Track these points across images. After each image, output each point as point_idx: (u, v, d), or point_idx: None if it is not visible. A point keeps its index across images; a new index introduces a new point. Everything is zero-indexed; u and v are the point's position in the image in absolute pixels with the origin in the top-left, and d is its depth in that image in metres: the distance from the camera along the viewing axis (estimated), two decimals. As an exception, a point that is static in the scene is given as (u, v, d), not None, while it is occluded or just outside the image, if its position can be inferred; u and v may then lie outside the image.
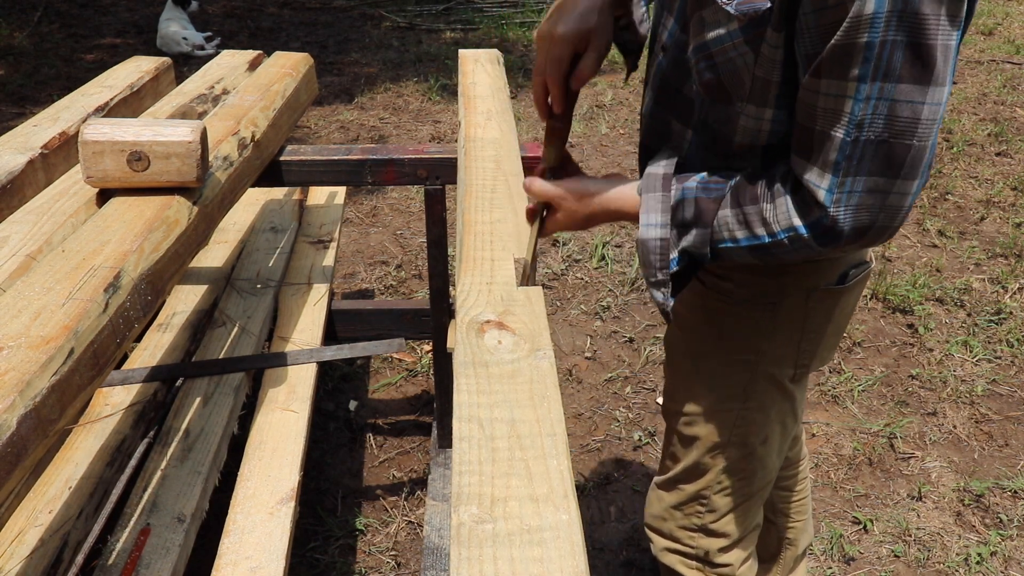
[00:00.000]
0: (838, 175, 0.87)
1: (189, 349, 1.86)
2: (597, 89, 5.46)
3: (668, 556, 1.38)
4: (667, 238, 1.01)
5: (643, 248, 1.03)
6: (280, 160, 1.72)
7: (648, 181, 1.04)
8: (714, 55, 0.97)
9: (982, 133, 4.64)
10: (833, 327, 1.21)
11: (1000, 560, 2.02)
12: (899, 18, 0.79)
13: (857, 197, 0.88)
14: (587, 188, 1.09)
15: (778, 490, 1.58)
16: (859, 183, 0.87)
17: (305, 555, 2.01)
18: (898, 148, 0.85)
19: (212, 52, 6.03)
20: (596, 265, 3.31)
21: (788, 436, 1.31)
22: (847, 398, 2.58)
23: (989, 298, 3.09)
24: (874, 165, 0.86)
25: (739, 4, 0.90)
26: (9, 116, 4.84)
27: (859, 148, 0.85)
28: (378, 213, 3.79)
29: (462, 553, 0.64)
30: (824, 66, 0.85)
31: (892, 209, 0.89)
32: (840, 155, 0.87)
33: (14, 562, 1.26)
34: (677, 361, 1.32)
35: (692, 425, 1.28)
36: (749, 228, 0.96)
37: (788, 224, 0.92)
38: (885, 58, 0.81)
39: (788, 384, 1.23)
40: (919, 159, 0.86)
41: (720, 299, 1.18)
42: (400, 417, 2.52)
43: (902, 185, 0.87)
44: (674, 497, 1.34)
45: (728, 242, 0.98)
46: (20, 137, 1.51)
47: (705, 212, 0.99)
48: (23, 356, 0.84)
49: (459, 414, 0.79)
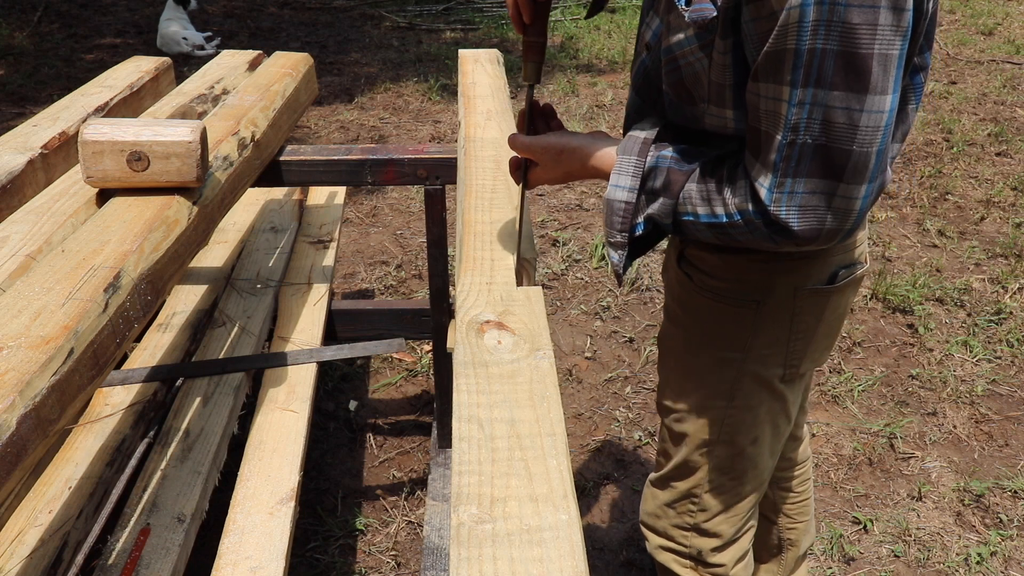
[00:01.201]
0: (776, 175, 0.91)
1: (189, 349, 1.86)
2: (597, 89, 5.46)
3: (663, 554, 1.39)
4: (632, 202, 1.04)
5: (608, 207, 1.06)
6: (280, 160, 1.72)
7: (627, 143, 1.06)
8: (677, 58, 1.01)
9: (982, 133, 4.64)
10: (824, 328, 1.21)
11: (1000, 560, 2.02)
12: (827, 27, 0.82)
13: (799, 198, 0.91)
14: (567, 143, 1.10)
15: (780, 491, 1.58)
16: (799, 184, 0.90)
17: (305, 555, 2.01)
18: (836, 153, 0.88)
19: (212, 52, 6.03)
20: (596, 265, 3.31)
21: (781, 437, 1.31)
22: (847, 398, 2.58)
23: (989, 298, 3.09)
24: (813, 167, 0.89)
25: (692, 12, 0.94)
26: (9, 116, 4.84)
27: (795, 150, 0.88)
28: (378, 213, 3.79)
29: (462, 553, 0.64)
30: (760, 70, 0.89)
31: (840, 212, 0.91)
32: (778, 156, 0.90)
33: (14, 562, 1.26)
34: (668, 357, 1.33)
35: (682, 422, 1.29)
36: (710, 205, 0.99)
37: (744, 207, 0.95)
38: (816, 65, 0.84)
39: (778, 384, 1.23)
40: (863, 164, 0.88)
41: (708, 296, 1.19)
42: (400, 417, 2.52)
43: (847, 189, 0.89)
44: (667, 495, 1.35)
45: (690, 215, 1.01)
46: (20, 137, 1.51)
47: (674, 183, 1.01)
48: (23, 356, 0.84)
49: (459, 414, 0.79)
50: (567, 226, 3.65)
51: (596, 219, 3.70)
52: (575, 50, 6.46)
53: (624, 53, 6.24)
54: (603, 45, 6.49)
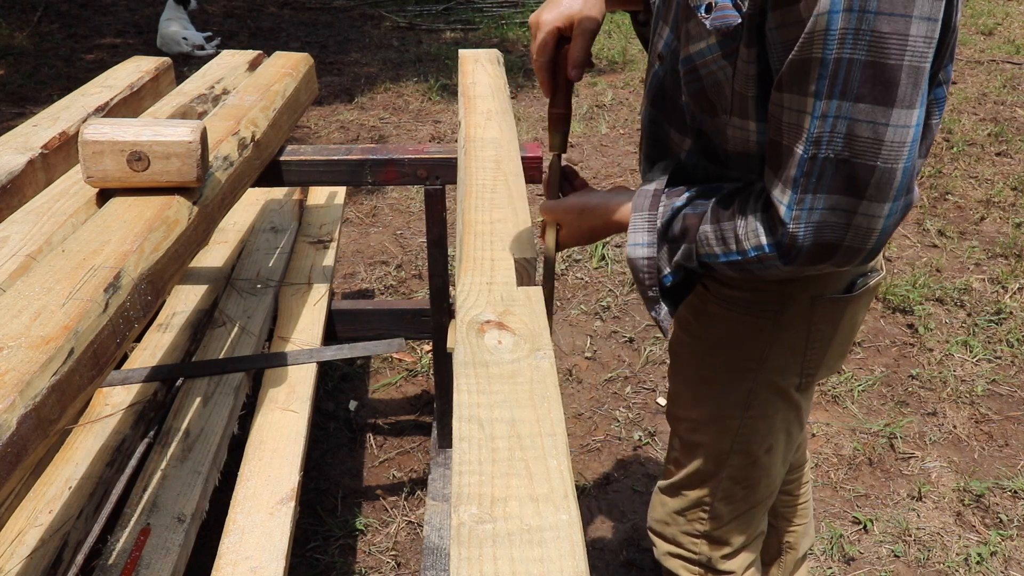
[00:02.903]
0: (797, 191, 0.88)
1: (189, 349, 1.85)
2: (597, 89, 5.46)
3: (671, 560, 1.38)
4: (653, 257, 1.04)
5: (632, 267, 1.06)
6: (280, 160, 1.72)
7: (639, 199, 1.06)
8: (698, 68, 0.98)
9: (982, 133, 4.64)
10: (841, 336, 1.19)
11: (1000, 560, 2.02)
12: (855, 36, 0.79)
13: (818, 214, 0.87)
14: (587, 202, 1.12)
15: (780, 495, 1.57)
16: (820, 200, 0.87)
17: (305, 555, 2.01)
18: (859, 169, 0.84)
19: (212, 52, 6.03)
20: (596, 265, 3.31)
21: (793, 445, 1.30)
22: (847, 398, 2.58)
23: (989, 298, 3.09)
24: (835, 183, 0.86)
25: (713, 19, 0.92)
26: (9, 116, 4.84)
27: (817, 165, 0.85)
28: (378, 213, 3.79)
29: (462, 553, 0.64)
30: (784, 80, 0.86)
31: (861, 231, 0.87)
32: (799, 171, 0.87)
33: (14, 562, 1.26)
34: (681, 366, 1.31)
35: (695, 432, 1.28)
36: (725, 244, 0.97)
37: (757, 243, 0.93)
38: (841, 76, 0.81)
39: (794, 393, 1.21)
40: (887, 182, 0.85)
41: (724, 305, 1.17)
42: (400, 417, 2.52)
43: (869, 207, 0.86)
44: (677, 503, 1.34)
45: (709, 256, 1.00)
46: (20, 137, 1.51)
47: (690, 228, 1.01)
48: (23, 356, 0.84)
49: (459, 414, 0.79)
50: (567, 226, 3.65)
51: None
52: (575, 50, 6.44)
53: (624, 53, 6.24)
54: (603, 45, 6.48)
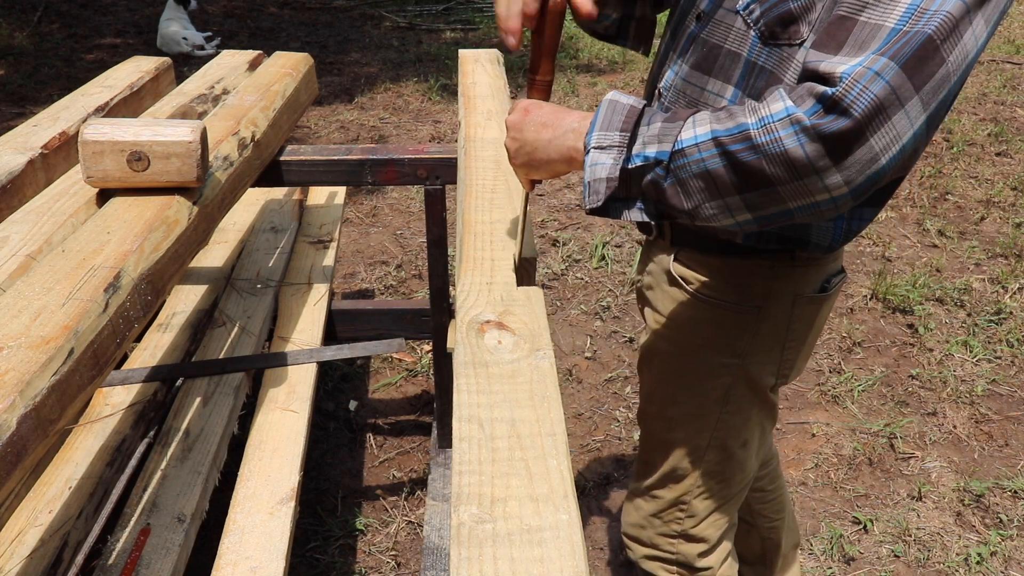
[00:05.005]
0: (869, 55, 0.77)
1: (189, 349, 1.85)
2: (597, 89, 5.46)
3: (649, 563, 1.39)
4: (638, 107, 0.91)
5: (609, 107, 0.92)
6: (280, 160, 1.72)
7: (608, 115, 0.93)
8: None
9: (982, 133, 4.64)
10: (812, 337, 1.24)
11: (1000, 560, 2.02)
12: None
13: (880, 87, 0.76)
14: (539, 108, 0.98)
15: (753, 491, 1.58)
16: (890, 70, 0.76)
17: (305, 555, 2.01)
18: (935, 54, 0.77)
19: (212, 52, 6.03)
20: (596, 265, 3.31)
21: (767, 439, 1.33)
22: (847, 398, 2.58)
23: (989, 298, 3.09)
24: (911, 61, 0.76)
25: None
26: (9, 116, 4.84)
27: (909, 36, 0.77)
28: (378, 213, 3.79)
29: (462, 553, 0.64)
30: None
31: (891, 138, 0.78)
32: (883, 43, 0.78)
33: (14, 562, 1.26)
34: (657, 364, 1.31)
35: (672, 430, 1.28)
36: (732, 119, 0.84)
37: (780, 107, 0.81)
38: None
39: (769, 393, 1.25)
40: (941, 86, 0.78)
41: (704, 301, 1.19)
42: (400, 417, 2.52)
43: (915, 106, 0.77)
44: (653, 505, 1.34)
45: (694, 140, 0.85)
46: (20, 137, 1.51)
47: (676, 113, 0.90)
48: (23, 356, 0.84)
49: (459, 414, 0.79)
50: (567, 226, 3.65)
51: (596, 219, 3.70)
52: (575, 50, 6.46)
53: (624, 54, 6.23)
54: (603, 45, 6.48)
